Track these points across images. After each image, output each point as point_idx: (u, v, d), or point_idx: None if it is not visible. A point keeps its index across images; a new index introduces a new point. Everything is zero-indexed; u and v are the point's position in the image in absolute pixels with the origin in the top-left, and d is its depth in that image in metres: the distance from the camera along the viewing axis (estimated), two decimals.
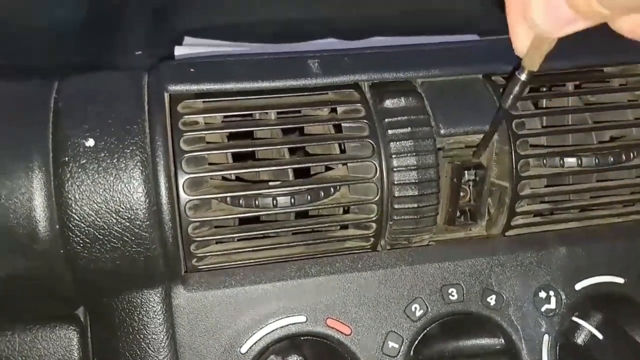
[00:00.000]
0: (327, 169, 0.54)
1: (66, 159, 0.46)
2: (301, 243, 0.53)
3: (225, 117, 0.52)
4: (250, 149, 0.51)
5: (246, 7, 0.83)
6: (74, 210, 0.46)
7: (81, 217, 0.46)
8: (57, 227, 0.45)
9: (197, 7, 0.82)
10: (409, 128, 0.52)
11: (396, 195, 0.52)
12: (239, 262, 0.53)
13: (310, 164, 0.52)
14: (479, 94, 0.56)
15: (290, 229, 0.52)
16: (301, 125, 0.53)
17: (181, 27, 0.75)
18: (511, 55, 0.59)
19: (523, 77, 0.45)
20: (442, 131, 0.53)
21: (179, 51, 0.68)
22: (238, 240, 0.52)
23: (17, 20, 0.71)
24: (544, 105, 0.59)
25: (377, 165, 0.51)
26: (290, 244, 0.53)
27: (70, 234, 0.46)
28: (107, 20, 0.73)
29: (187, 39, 0.74)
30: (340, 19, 0.82)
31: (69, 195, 0.45)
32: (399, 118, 0.53)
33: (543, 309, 0.55)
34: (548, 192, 0.56)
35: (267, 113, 0.53)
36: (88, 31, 0.71)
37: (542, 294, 0.56)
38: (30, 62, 0.61)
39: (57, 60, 0.62)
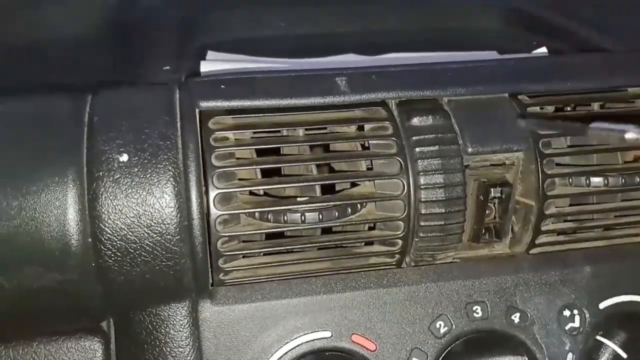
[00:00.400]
0: (353, 185, 0.54)
1: (100, 173, 0.46)
2: (327, 258, 0.53)
3: (254, 133, 0.52)
4: (279, 165, 0.51)
5: (267, 22, 0.84)
6: (106, 224, 0.46)
7: (113, 231, 0.46)
8: (90, 240, 0.46)
9: (219, 22, 0.83)
10: (437, 146, 0.53)
11: (423, 212, 0.52)
12: (264, 277, 0.53)
13: (338, 181, 0.52)
14: (506, 113, 0.56)
15: (316, 244, 0.52)
16: (328, 142, 0.54)
17: (204, 41, 0.76)
18: (536, 75, 0.60)
19: None
20: (469, 149, 0.53)
21: (204, 67, 0.68)
22: (264, 254, 0.52)
23: (43, 36, 0.72)
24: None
25: (404, 183, 0.51)
26: (316, 260, 0.53)
27: (103, 247, 0.46)
28: (131, 36, 0.74)
29: (210, 54, 0.74)
30: (359, 35, 0.83)
31: (103, 209, 0.46)
32: (427, 136, 0.53)
33: (567, 328, 0.56)
34: (573, 211, 0.56)
35: (295, 130, 0.53)
36: (112, 46, 0.71)
37: (567, 313, 0.56)
38: (57, 78, 0.61)
39: (82, 75, 0.63)
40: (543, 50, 0.75)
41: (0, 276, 0.45)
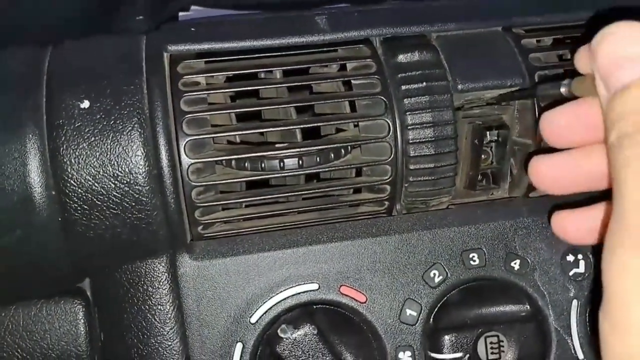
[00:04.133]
0: (339, 131, 0.51)
1: (60, 121, 0.43)
2: (312, 208, 0.50)
3: (228, 77, 0.49)
4: (255, 109, 0.48)
5: None
6: (70, 175, 0.43)
7: (78, 182, 0.44)
8: (54, 193, 0.43)
9: None
10: (424, 83, 0.49)
11: (411, 154, 0.48)
12: (247, 229, 0.50)
13: (319, 124, 0.49)
14: (499, 47, 0.52)
15: (300, 193, 0.49)
16: (309, 83, 0.50)
17: None
18: (533, 8, 0.56)
19: (564, 90, 0.40)
20: (459, 86, 0.50)
21: (183, 18, 0.65)
22: (246, 206, 0.50)
23: None
24: (569, 57, 0.55)
25: (390, 123, 0.48)
26: (301, 209, 0.50)
27: (67, 200, 0.44)
28: None
29: (194, 8, 0.71)
30: None
31: (64, 160, 0.43)
32: (413, 73, 0.49)
33: (571, 273, 0.52)
34: None
35: (272, 72, 0.50)
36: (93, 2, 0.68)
37: (570, 257, 0.52)
38: (30, 29, 0.59)
39: (59, 28, 0.60)
40: None
41: None
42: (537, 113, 0.50)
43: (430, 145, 0.49)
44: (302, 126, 0.48)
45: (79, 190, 0.44)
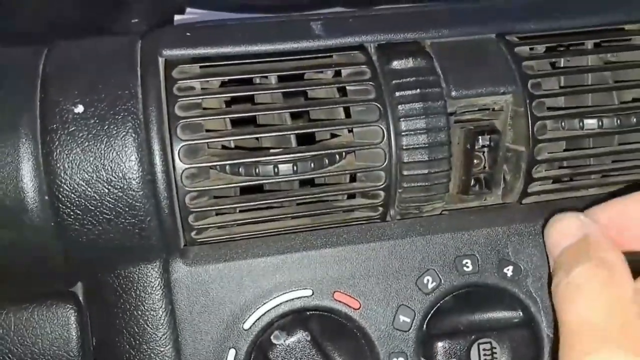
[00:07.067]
0: (333, 137, 0.51)
1: (54, 126, 0.43)
2: (306, 214, 0.50)
3: (223, 82, 0.49)
4: (250, 114, 0.48)
5: None
6: (63, 180, 0.43)
7: (71, 187, 0.43)
8: (47, 197, 0.43)
9: None
10: (418, 90, 0.49)
11: (405, 160, 0.49)
12: (241, 235, 0.50)
13: (313, 130, 0.49)
14: (493, 54, 0.52)
15: (294, 198, 0.49)
16: (304, 89, 0.50)
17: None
18: (525, 14, 0.56)
19: None
20: (453, 93, 0.50)
21: (178, 20, 0.65)
22: (240, 211, 0.49)
23: None
24: (562, 65, 0.55)
25: (384, 130, 0.48)
26: (295, 215, 0.50)
27: (60, 205, 0.44)
28: None
29: (189, 10, 0.71)
30: None
31: (58, 164, 0.43)
32: (408, 79, 0.50)
33: None
34: (567, 156, 0.52)
35: (267, 77, 0.50)
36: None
37: None
38: (25, 29, 0.58)
39: (55, 28, 0.60)
40: None
41: None
42: (529, 120, 0.50)
43: (424, 152, 0.49)
44: (296, 132, 0.48)
45: (72, 195, 0.43)
